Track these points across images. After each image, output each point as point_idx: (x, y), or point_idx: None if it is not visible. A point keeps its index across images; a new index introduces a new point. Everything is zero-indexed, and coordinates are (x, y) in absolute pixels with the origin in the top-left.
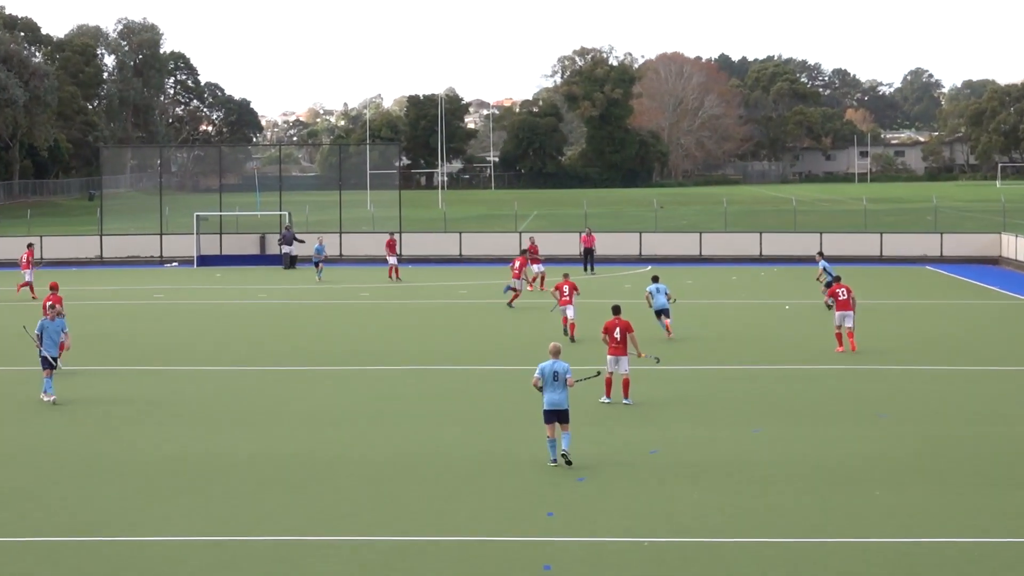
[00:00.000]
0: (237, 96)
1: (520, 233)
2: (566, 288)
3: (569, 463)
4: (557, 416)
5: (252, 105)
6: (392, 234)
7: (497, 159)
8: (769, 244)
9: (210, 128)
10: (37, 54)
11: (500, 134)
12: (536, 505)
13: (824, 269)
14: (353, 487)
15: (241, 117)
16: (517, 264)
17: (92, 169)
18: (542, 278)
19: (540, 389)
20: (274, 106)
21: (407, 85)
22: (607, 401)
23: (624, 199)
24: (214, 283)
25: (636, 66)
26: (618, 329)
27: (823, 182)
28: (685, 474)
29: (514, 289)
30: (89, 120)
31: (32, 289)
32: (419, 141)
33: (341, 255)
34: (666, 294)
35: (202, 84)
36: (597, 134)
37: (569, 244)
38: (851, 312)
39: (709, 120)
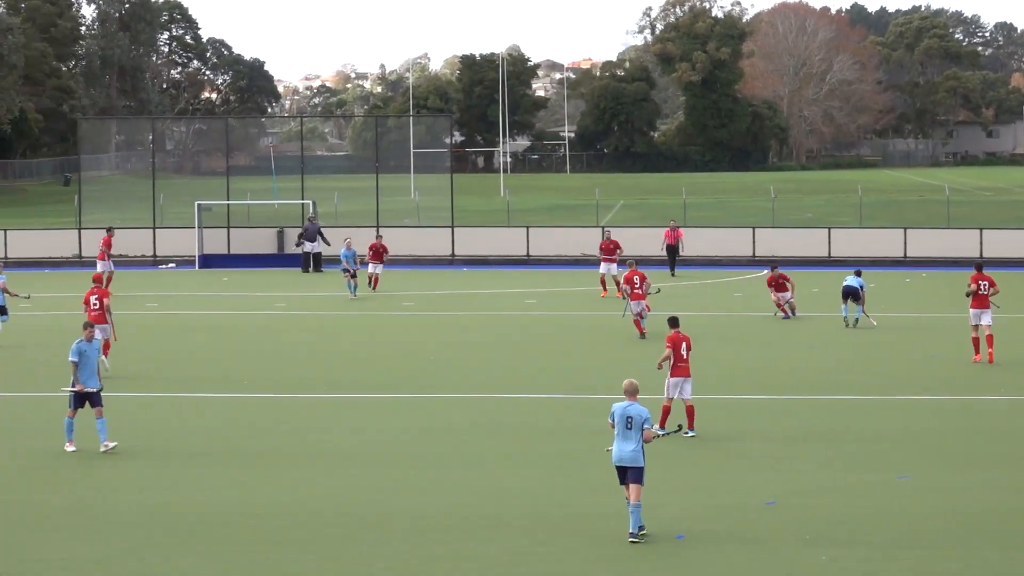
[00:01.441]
0: (248, 56)
1: (603, 228)
2: (636, 279)
3: (643, 532)
4: (625, 474)
5: (267, 67)
6: (379, 236)
7: (573, 135)
8: (915, 243)
9: (214, 96)
10: None
11: (577, 104)
12: (624, 570)
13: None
14: (393, 548)
15: (253, 82)
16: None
17: (67, 146)
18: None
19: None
20: (294, 69)
21: (460, 43)
22: (663, 433)
23: (732, 186)
24: (220, 289)
25: (747, 19)
26: (684, 345)
27: (983, 165)
28: (810, 531)
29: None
30: (63, 85)
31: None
32: (475, 112)
33: None
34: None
35: (204, 41)
36: (698, 104)
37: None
38: (988, 310)
39: (839, 87)
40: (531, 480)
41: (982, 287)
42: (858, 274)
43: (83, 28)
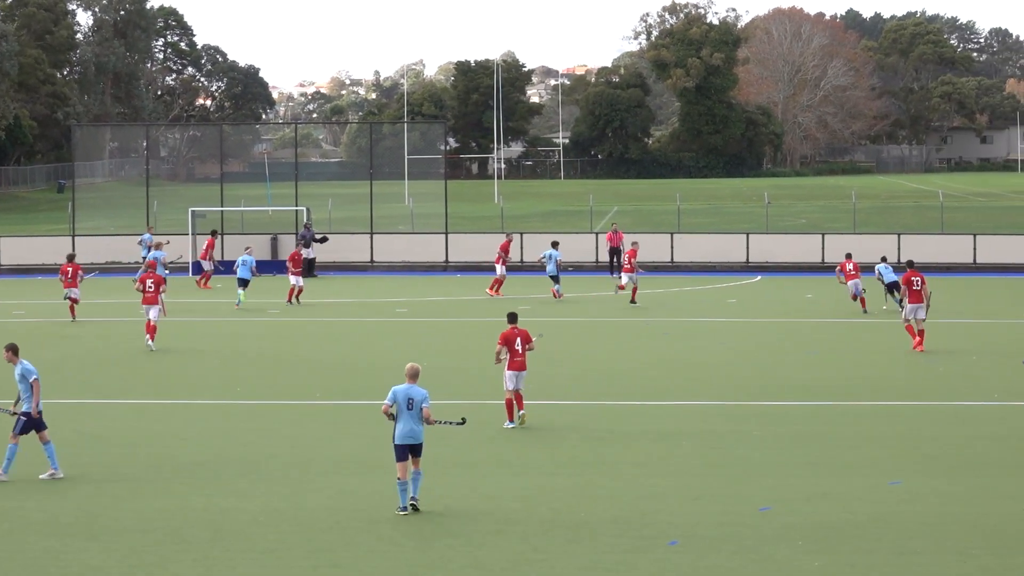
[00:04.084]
0: (242, 62)
1: (596, 235)
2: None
3: (417, 509)
4: (411, 451)
5: (261, 74)
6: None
7: (567, 141)
8: (910, 249)
9: (209, 102)
10: None
11: (571, 110)
12: None
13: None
14: (392, 551)
15: (247, 89)
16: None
17: (62, 153)
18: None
19: (392, 417)
20: (288, 75)
21: (455, 49)
22: (511, 426)
23: (727, 192)
24: (213, 295)
25: (741, 25)
26: (519, 340)
27: (977, 171)
28: (803, 537)
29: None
30: (58, 92)
31: None
32: (470, 119)
33: (372, 261)
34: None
35: (199, 47)
36: (693, 110)
37: (659, 247)
38: (923, 305)
39: (834, 93)
40: (532, 485)
41: (915, 283)
42: (884, 260)
43: (78, 35)
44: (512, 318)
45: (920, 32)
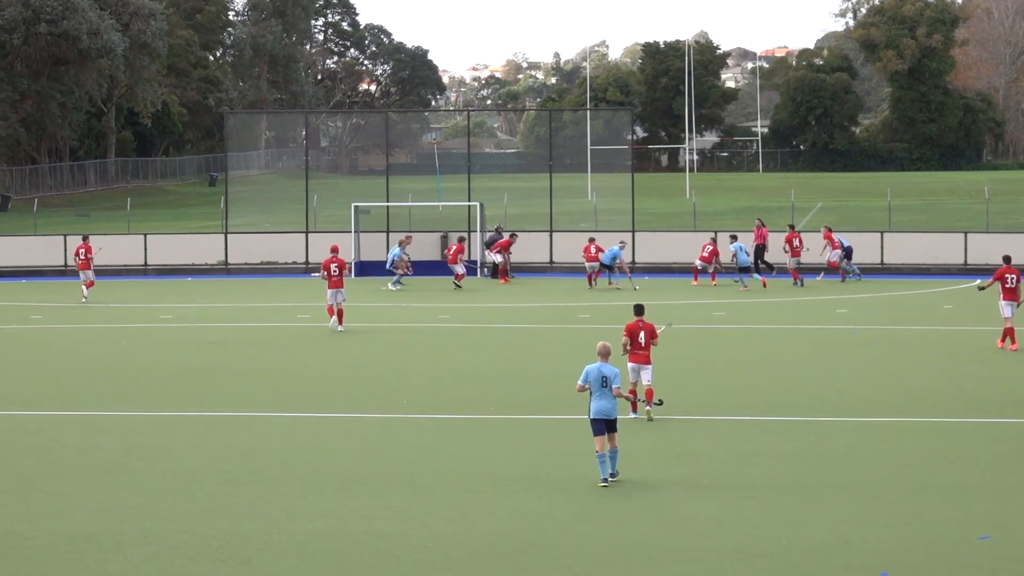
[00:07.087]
0: (410, 44)
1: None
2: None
3: (616, 477)
4: (607, 426)
5: (430, 56)
6: (460, 239)
7: (766, 131)
8: None
9: (373, 87)
10: None
11: (771, 96)
12: None
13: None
14: None
15: (415, 72)
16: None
17: (214, 143)
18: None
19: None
20: (460, 58)
21: (641, 29)
22: (634, 416)
23: (942, 186)
24: (379, 299)
25: (959, 2)
26: (642, 334)
27: None
28: None
29: None
30: (210, 76)
31: None
32: (659, 106)
33: (552, 262)
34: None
35: (362, 28)
36: (905, 96)
37: (868, 247)
38: (1016, 302)
39: None
40: (725, 509)
41: (1008, 280)
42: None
43: (232, 14)
44: (638, 310)
45: None
